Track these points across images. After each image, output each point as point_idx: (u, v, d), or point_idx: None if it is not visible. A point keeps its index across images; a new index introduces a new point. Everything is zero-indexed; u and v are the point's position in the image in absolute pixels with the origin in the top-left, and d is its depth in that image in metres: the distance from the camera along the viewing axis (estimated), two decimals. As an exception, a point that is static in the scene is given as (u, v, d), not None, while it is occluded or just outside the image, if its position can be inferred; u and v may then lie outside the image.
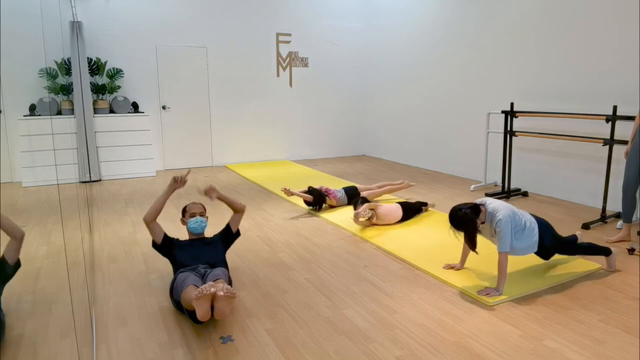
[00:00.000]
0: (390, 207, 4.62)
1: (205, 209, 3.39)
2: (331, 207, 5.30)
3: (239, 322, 2.75)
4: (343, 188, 5.45)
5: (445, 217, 4.88)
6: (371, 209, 4.48)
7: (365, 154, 9.67)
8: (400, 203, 4.75)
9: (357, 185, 5.59)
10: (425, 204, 5.05)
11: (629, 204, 4.06)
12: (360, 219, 4.45)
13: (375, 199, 5.43)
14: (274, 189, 6.30)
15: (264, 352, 2.44)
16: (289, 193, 5.08)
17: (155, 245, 3.18)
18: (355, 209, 4.56)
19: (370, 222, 4.54)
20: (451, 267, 3.51)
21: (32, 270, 3.55)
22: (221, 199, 3.38)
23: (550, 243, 3.26)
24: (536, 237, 3.18)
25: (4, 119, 6.73)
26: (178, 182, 3.24)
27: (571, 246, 3.41)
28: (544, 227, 3.25)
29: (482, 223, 3.09)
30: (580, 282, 3.31)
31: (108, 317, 2.82)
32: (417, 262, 3.63)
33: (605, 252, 3.47)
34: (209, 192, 3.40)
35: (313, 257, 3.82)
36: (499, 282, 3.07)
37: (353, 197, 5.29)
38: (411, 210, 4.80)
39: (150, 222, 3.13)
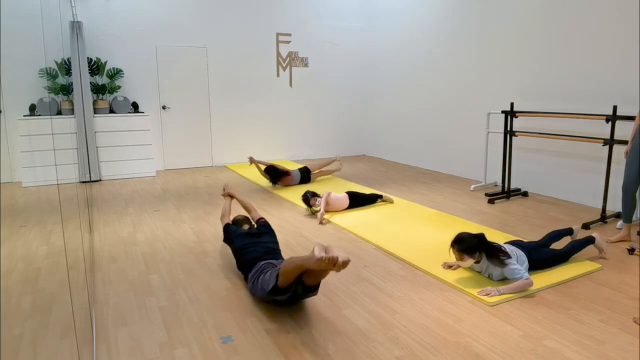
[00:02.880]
0: (338, 196, 5.20)
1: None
2: (286, 185, 6.37)
3: (239, 322, 2.75)
4: (298, 169, 6.52)
5: (446, 217, 4.89)
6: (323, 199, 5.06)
7: (365, 154, 9.67)
8: (348, 193, 5.28)
9: (308, 166, 6.70)
10: (380, 196, 5.49)
11: (629, 204, 4.06)
12: (314, 208, 5.06)
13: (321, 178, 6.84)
14: (274, 188, 6.30)
15: (264, 352, 2.44)
16: (252, 161, 6.32)
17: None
18: (308, 204, 5.07)
19: (324, 211, 4.95)
20: (449, 266, 3.52)
21: (32, 270, 3.55)
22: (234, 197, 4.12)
23: (538, 256, 3.41)
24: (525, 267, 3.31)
25: (4, 119, 6.73)
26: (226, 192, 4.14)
27: (559, 258, 3.54)
28: (528, 249, 3.42)
29: (477, 262, 3.29)
30: (580, 282, 3.31)
31: (108, 317, 2.82)
32: (417, 262, 3.63)
33: (590, 241, 3.65)
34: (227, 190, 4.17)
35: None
36: (507, 288, 3.07)
37: (306, 175, 6.51)
38: (360, 200, 5.31)
39: (225, 219, 3.80)
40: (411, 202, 5.54)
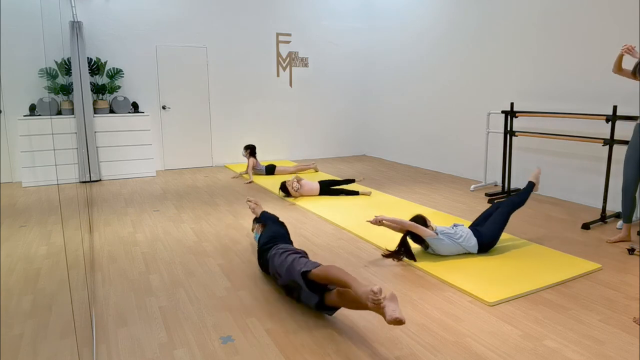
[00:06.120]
0: (311, 183, 5.86)
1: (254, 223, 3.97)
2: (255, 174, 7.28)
3: (239, 322, 2.75)
4: (264, 165, 7.31)
5: (446, 217, 4.89)
6: (298, 181, 5.74)
7: (366, 154, 9.67)
8: (319, 182, 5.91)
9: (276, 165, 7.40)
10: (353, 181, 6.04)
11: (628, 205, 4.06)
12: (292, 189, 5.72)
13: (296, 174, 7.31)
14: (274, 188, 6.30)
15: (264, 352, 2.44)
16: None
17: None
18: (285, 190, 5.82)
19: (299, 193, 5.73)
20: (378, 221, 3.72)
21: (32, 270, 3.55)
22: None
23: (489, 239, 3.75)
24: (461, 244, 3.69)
25: (4, 119, 6.74)
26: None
27: (506, 216, 3.83)
28: (477, 233, 3.77)
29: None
30: (580, 282, 3.31)
31: (108, 317, 2.82)
32: (417, 262, 3.63)
33: (530, 187, 4.03)
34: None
35: (313, 257, 3.82)
36: (390, 218, 3.65)
37: (271, 172, 7.26)
38: (329, 190, 5.89)
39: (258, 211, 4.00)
40: (411, 202, 5.54)
